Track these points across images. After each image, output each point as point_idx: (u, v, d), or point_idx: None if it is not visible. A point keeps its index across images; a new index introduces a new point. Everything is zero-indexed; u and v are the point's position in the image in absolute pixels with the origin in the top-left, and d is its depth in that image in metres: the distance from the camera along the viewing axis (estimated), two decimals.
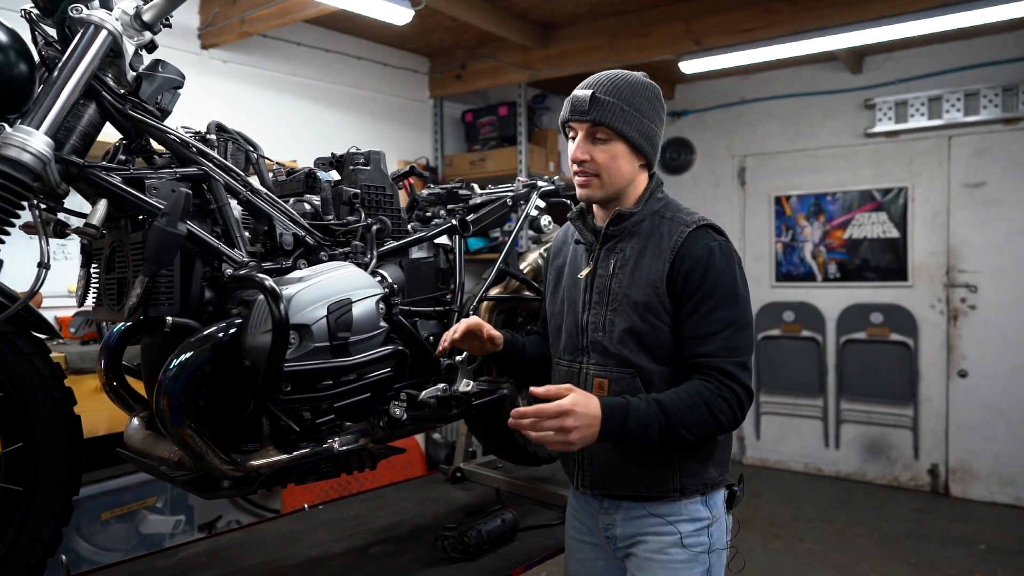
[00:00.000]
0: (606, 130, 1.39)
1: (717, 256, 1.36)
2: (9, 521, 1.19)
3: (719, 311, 1.34)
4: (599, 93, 1.39)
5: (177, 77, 1.41)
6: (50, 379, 1.23)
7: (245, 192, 1.43)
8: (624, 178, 1.43)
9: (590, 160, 1.41)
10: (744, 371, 1.34)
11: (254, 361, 1.24)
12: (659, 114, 1.46)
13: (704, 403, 1.30)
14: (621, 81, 1.42)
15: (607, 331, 1.41)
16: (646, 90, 1.43)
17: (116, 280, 1.35)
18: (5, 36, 1.14)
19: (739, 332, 1.34)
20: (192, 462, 1.29)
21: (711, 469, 1.42)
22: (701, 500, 1.42)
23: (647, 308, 1.37)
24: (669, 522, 1.41)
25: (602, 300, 1.44)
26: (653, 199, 1.46)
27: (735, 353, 1.33)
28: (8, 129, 1.11)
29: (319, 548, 1.85)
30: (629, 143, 1.40)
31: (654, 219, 1.44)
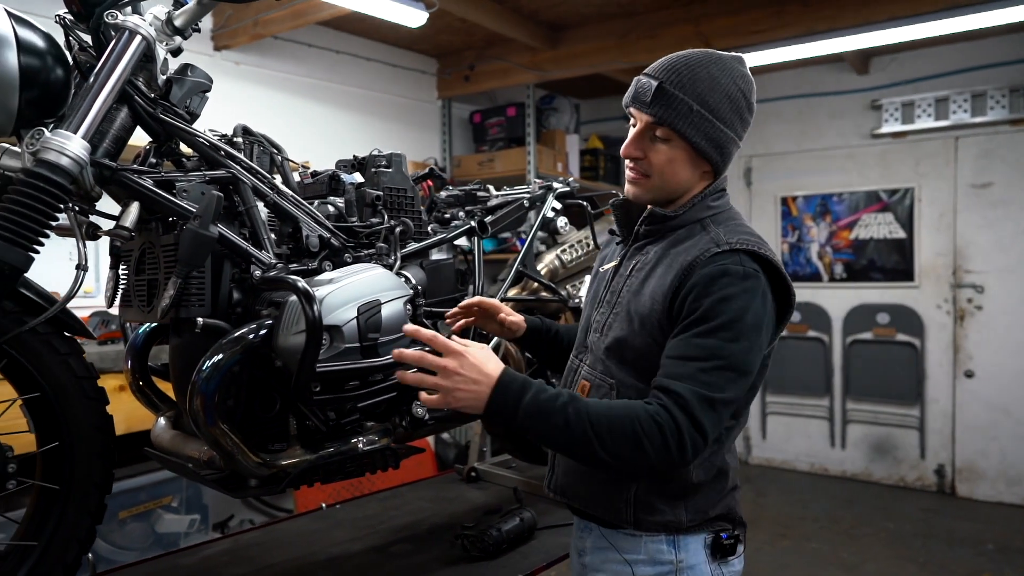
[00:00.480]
0: (667, 130, 1.20)
1: (731, 280, 1.14)
2: (46, 519, 1.20)
3: (707, 338, 1.12)
4: (668, 85, 1.19)
5: (205, 81, 1.43)
6: (85, 379, 1.25)
7: (272, 194, 1.45)
8: (680, 184, 1.25)
9: (643, 158, 1.24)
10: (706, 408, 1.09)
11: (286, 362, 1.26)
12: (741, 116, 1.23)
13: (631, 420, 1.07)
14: (701, 71, 1.20)
15: (603, 334, 1.28)
16: (732, 86, 1.21)
17: (146, 281, 1.37)
18: (43, 42, 1.16)
19: (722, 372, 1.11)
20: (223, 461, 1.30)
21: (681, 511, 1.21)
22: (666, 540, 1.22)
23: (643, 322, 1.20)
24: (626, 560, 1.24)
25: (611, 300, 1.30)
26: (702, 205, 1.26)
27: (705, 386, 1.09)
28: (47, 133, 1.13)
29: (339, 547, 1.86)
30: (693, 147, 1.21)
31: (693, 228, 1.25)
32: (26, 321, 1.16)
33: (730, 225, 1.24)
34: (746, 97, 1.23)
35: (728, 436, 1.27)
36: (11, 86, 1.12)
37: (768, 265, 1.17)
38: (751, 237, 1.20)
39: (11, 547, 1.20)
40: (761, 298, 1.15)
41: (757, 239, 1.20)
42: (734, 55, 1.26)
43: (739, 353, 1.12)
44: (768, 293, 1.17)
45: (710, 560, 1.24)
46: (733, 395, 1.13)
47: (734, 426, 1.27)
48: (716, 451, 1.26)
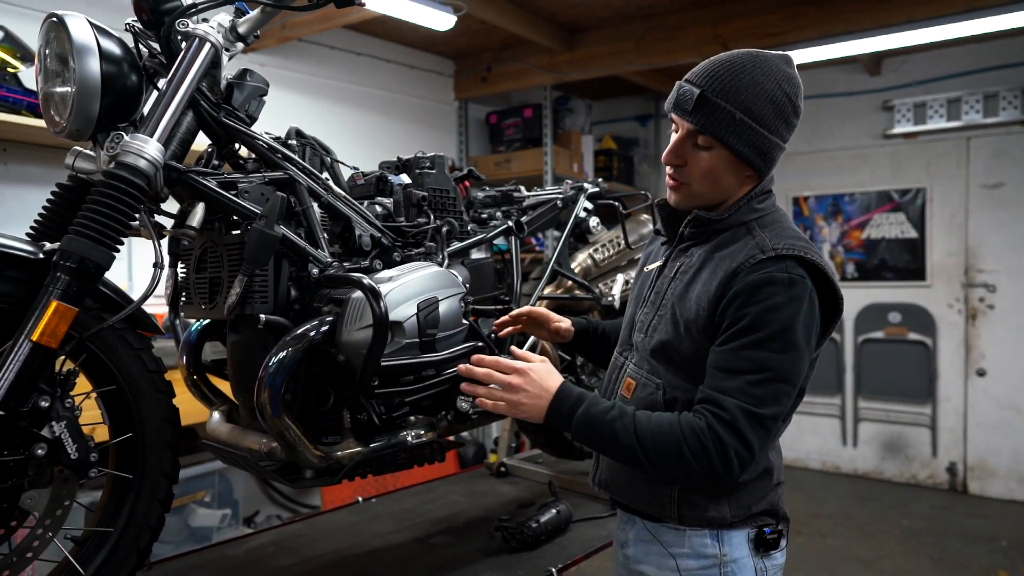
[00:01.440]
0: (709, 139, 1.19)
1: (777, 288, 1.12)
2: (121, 506, 1.26)
3: (756, 350, 1.11)
4: (710, 93, 1.17)
5: (263, 85, 1.49)
6: (155, 373, 1.30)
7: (326, 195, 1.49)
8: (721, 192, 1.24)
9: (683, 165, 1.23)
10: (753, 424, 1.09)
11: (349, 357, 1.31)
12: (786, 120, 1.21)
13: (678, 436, 1.11)
14: (745, 77, 1.17)
15: (648, 335, 1.29)
16: (776, 90, 1.18)
17: (207, 279, 1.42)
18: (120, 50, 1.21)
19: (771, 384, 1.11)
20: (285, 452, 1.36)
21: (724, 508, 1.22)
22: (710, 534, 1.24)
23: (688, 327, 1.20)
24: (670, 554, 1.26)
25: (656, 302, 1.30)
26: (747, 208, 1.24)
27: (753, 401, 1.10)
28: (126, 137, 1.18)
29: (381, 538, 1.92)
30: (736, 154, 1.19)
31: (739, 231, 1.23)
32: (105, 318, 1.21)
33: (776, 228, 1.22)
34: (792, 101, 1.21)
35: (774, 438, 1.29)
36: (93, 93, 1.17)
37: (815, 270, 1.16)
38: (797, 241, 1.18)
39: (89, 533, 1.25)
40: (809, 305, 1.14)
41: (804, 243, 1.19)
42: (781, 55, 1.24)
43: (787, 364, 1.12)
44: (815, 298, 1.15)
45: (753, 554, 1.26)
46: (780, 409, 1.13)
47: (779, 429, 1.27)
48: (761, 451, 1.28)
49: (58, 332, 1.08)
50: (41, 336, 1.06)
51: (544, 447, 2.32)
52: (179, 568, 1.74)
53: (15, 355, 1.05)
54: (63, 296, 1.09)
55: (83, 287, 1.12)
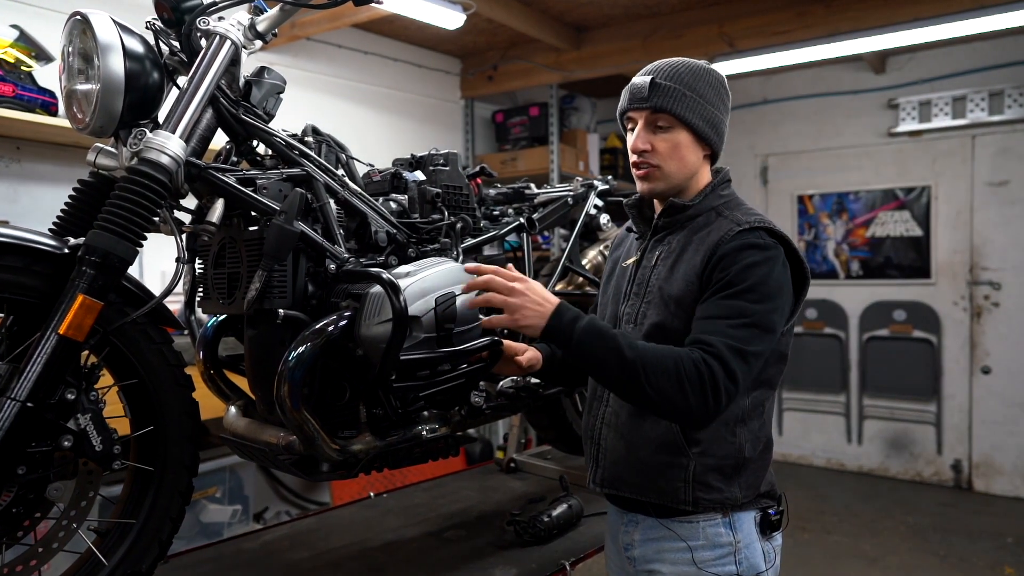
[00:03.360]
0: (668, 117, 1.32)
1: (754, 251, 1.25)
2: (142, 498, 1.27)
3: (734, 300, 1.22)
4: (659, 79, 1.33)
5: (280, 83, 1.50)
6: (176, 367, 1.32)
7: (343, 192, 1.51)
8: (688, 169, 1.36)
9: (651, 150, 1.34)
10: (737, 358, 1.18)
11: (367, 351, 1.33)
12: (724, 101, 1.38)
13: (675, 361, 1.17)
14: (682, 67, 1.35)
15: (638, 323, 1.35)
16: (709, 75, 1.37)
17: (226, 275, 1.44)
18: (143, 48, 1.23)
19: (748, 327, 1.21)
20: (304, 446, 1.37)
21: (735, 488, 1.29)
22: (723, 522, 1.30)
23: (679, 303, 1.29)
24: (689, 547, 1.30)
25: (640, 292, 1.38)
26: (715, 194, 1.38)
27: (735, 339, 1.19)
28: (148, 134, 1.20)
29: (394, 533, 1.93)
30: (693, 131, 1.33)
31: (710, 215, 1.36)
32: (128, 312, 1.22)
33: (742, 208, 1.36)
34: (723, 85, 1.39)
35: (769, 410, 1.37)
36: (117, 90, 1.19)
37: (783, 240, 1.30)
38: (763, 217, 1.33)
39: (111, 524, 1.26)
40: (782, 266, 1.28)
41: (769, 220, 1.34)
42: (702, 60, 1.43)
43: (764, 312, 1.23)
44: (787, 264, 1.29)
45: (760, 538, 1.33)
46: (760, 348, 1.23)
47: (772, 399, 1.38)
48: (762, 425, 1.35)
49: (84, 326, 1.09)
50: (68, 329, 1.08)
51: (553, 443, 2.34)
52: (195, 561, 1.76)
53: (43, 348, 1.07)
54: (89, 290, 1.10)
55: (108, 281, 1.13)
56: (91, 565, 1.22)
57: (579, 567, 1.74)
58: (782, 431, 5.65)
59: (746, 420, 1.32)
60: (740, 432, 1.31)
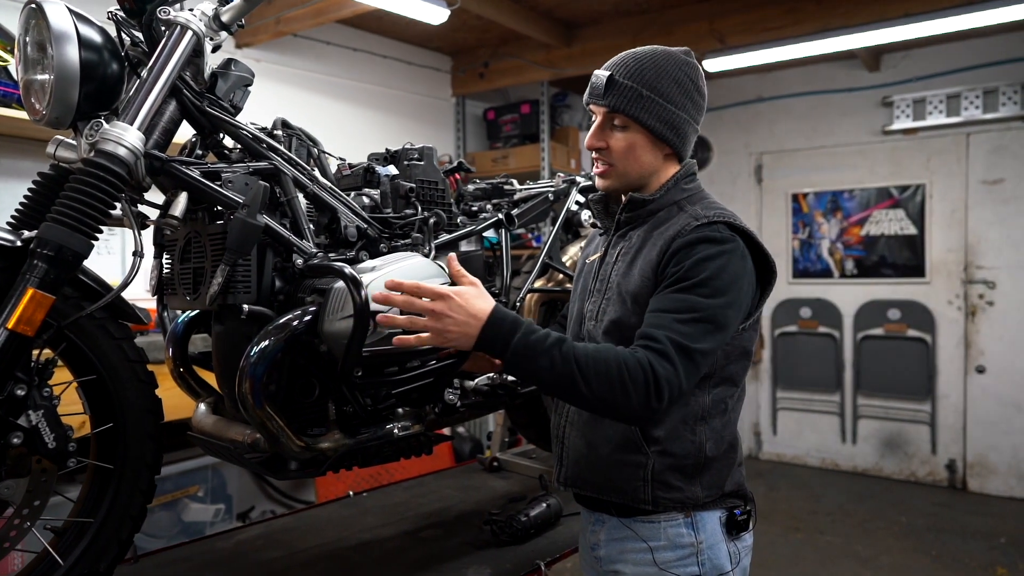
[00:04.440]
0: (623, 117, 1.29)
1: (709, 245, 1.22)
2: (101, 497, 1.25)
3: (684, 293, 1.19)
4: (618, 75, 1.28)
5: (248, 75, 1.47)
6: (137, 363, 1.30)
7: (312, 186, 1.49)
8: (643, 168, 1.33)
9: (605, 148, 1.32)
10: (682, 356, 1.14)
11: (331, 347, 1.30)
12: (691, 99, 1.32)
13: (618, 363, 1.13)
14: (647, 61, 1.29)
15: (599, 320, 1.33)
16: (678, 72, 1.30)
17: (191, 270, 1.41)
18: (100, 37, 1.21)
19: (697, 323, 1.17)
20: (268, 444, 1.35)
21: (696, 488, 1.27)
22: (684, 522, 1.27)
23: (635, 299, 1.27)
24: (650, 547, 1.28)
25: (601, 288, 1.36)
26: (677, 188, 1.34)
27: (681, 336, 1.15)
28: (105, 125, 1.17)
29: (370, 532, 1.91)
30: (649, 132, 1.29)
31: (671, 210, 1.32)
32: (84, 306, 1.20)
33: (705, 203, 1.32)
34: (693, 81, 1.33)
35: (734, 408, 1.34)
36: (72, 80, 1.16)
37: (743, 234, 1.26)
38: (725, 211, 1.29)
39: (69, 523, 1.24)
40: (740, 259, 1.24)
41: (731, 213, 1.29)
42: (682, 48, 1.36)
43: (715, 307, 1.19)
44: (747, 256, 1.26)
45: (726, 538, 1.30)
46: (709, 346, 1.19)
47: (737, 396, 1.35)
48: (726, 424, 1.32)
49: (35, 320, 1.07)
50: (17, 324, 1.05)
51: (536, 442, 2.32)
52: (167, 560, 1.73)
53: None
54: (40, 284, 1.08)
55: (61, 275, 1.11)
56: (47, 565, 1.20)
57: (555, 567, 1.72)
58: (776, 431, 5.63)
59: (707, 418, 1.29)
60: (701, 430, 1.29)
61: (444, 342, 1.16)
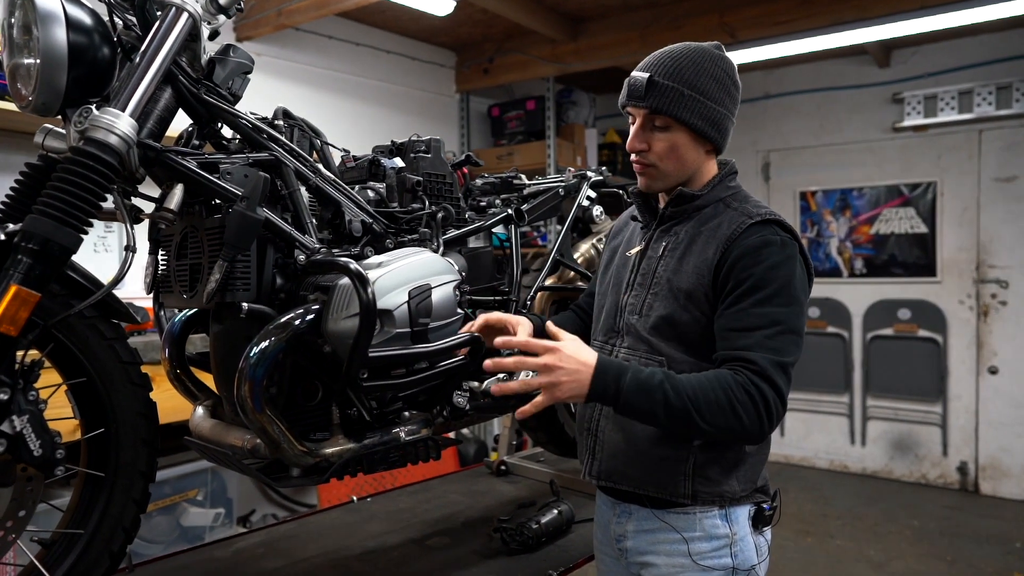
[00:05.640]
0: (665, 118, 1.28)
1: (774, 249, 1.22)
2: (92, 506, 1.18)
3: (765, 307, 1.19)
4: (658, 76, 1.27)
5: (247, 62, 1.40)
6: (130, 365, 1.23)
7: (315, 178, 1.42)
8: (685, 167, 1.33)
9: (647, 150, 1.31)
10: (782, 374, 1.16)
11: (335, 347, 1.23)
12: (729, 94, 1.32)
13: (725, 391, 1.13)
14: (684, 59, 1.28)
15: (643, 315, 1.32)
16: (714, 68, 1.30)
17: (188, 266, 1.34)
18: (90, 19, 1.14)
19: (784, 335, 1.18)
20: (269, 449, 1.27)
21: (733, 482, 1.27)
22: (719, 514, 1.28)
23: (689, 297, 1.26)
24: (683, 538, 1.28)
25: (645, 282, 1.34)
26: (722, 186, 1.34)
27: (776, 353, 1.16)
28: (95, 111, 1.10)
29: (375, 540, 1.84)
30: (692, 130, 1.29)
31: (718, 207, 1.32)
32: (73, 304, 1.13)
33: (751, 201, 1.33)
34: (729, 76, 1.32)
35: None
36: (60, 64, 1.09)
37: (794, 235, 1.28)
38: (773, 211, 1.30)
39: (57, 535, 1.17)
40: (801, 265, 1.26)
41: (778, 214, 1.31)
42: (713, 43, 1.35)
43: (793, 317, 1.20)
44: (801, 260, 1.27)
45: (753, 532, 1.31)
46: (796, 356, 1.20)
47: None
48: None
49: (18, 319, 1.00)
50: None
51: (545, 445, 2.24)
52: (164, 570, 1.67)
53: None
54: (24, 280, 1.01)
55: (47, 271, 1.04)
56: None
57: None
58: (784, 432, 5.55)
59: None
60: None
61: (560, 395, 1.14)
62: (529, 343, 1.16)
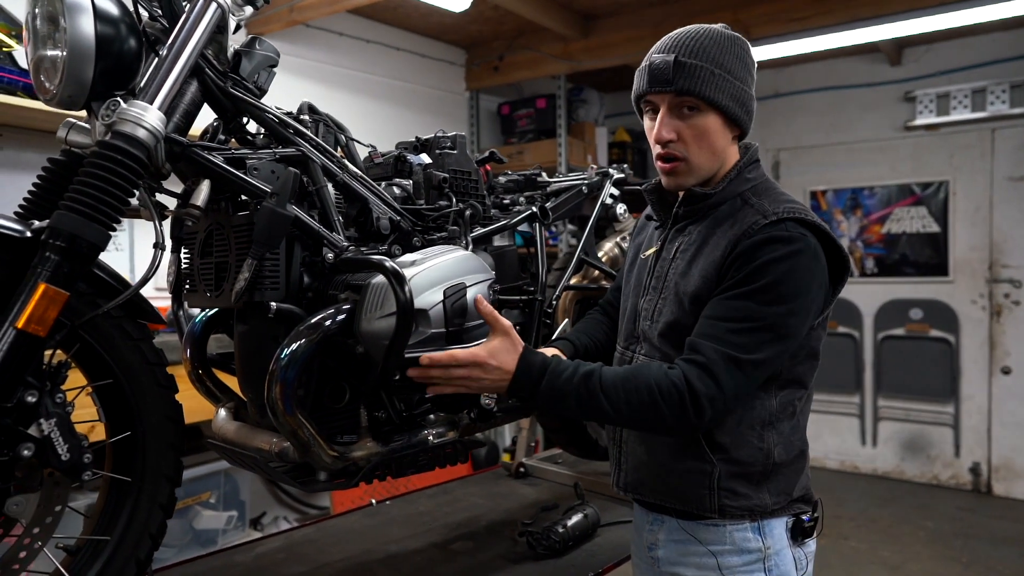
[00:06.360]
0: (695, 99, 1.18)
1: (777, 246, 1.12)
2: (118, 512, 1.14)
3: (744, 300, 1.12)
4: (683, 56, 1.17)
5: (273, 55, 1.37)
6: (156, 366, 1.19)
7: (342, 174, 1.38)
8: (716, 155, 1.23)
9: (677, 139, 1.21)
10: (730, 368, 1.09)
11: (368, 348, 1.19)
12: (751, 72, 1.24)
13: (649, 387, 1.10)
14: (705, 39, 1.19)
15: (655, 320, 1.26)
16: (734, 45, 1.21)
17: (213, 265, 1.31)
18: (117, 9, 1.10)
19: (755, 332, 1.10)
20: (298, 453, 1.24)
21: (764, 494, 1.20)
22: (751, 527, 1.21)
23: (694, 301, 1.19)
24: (711, 552, 1.21)
25: (658, 286, 1.28)
26: (740, 179, 1.24)
27: (734, 348, 1.10)
28: (123, 104, 1.07)
29: (397, 544, 1.80)
30: (723, 113, 1.19)
31: (735, 202, 1.23)
32: (100, 304, 1.09)
33: (771, 195, 1.22)
34: (748, 54, 1.25)
35: (803, 411, 1.28)
36: (87, 55, 1.06)
37: (816, 229, 1.16)
38: (795, 205, 1.19)
39: (83, 541, 1.13)
40: (811, 259, 1.14)
41: (801, 207, 1.19)
42: (720, 23, 1.28)
43: (777, 316, 1.11)
44: (820, 254, 1.16)
45: (791, 544, 1.24)
46: (765, 356, 1.12)
47: (806, 399, 1.28)
48: (795, 428, 1.26)
49: (46, 319, 0.96)
50: (27, 323, 0.95)
51: (566, 447, 2.20)
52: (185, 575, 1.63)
53: None
54: (52, 278, 0.97)
55: (75, 269, 1.00)
56: None
57: None
58: None
59: (774, 423, 1.22)
60: (768, 436, 1.22)
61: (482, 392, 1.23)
62: (455, 356, 1.17)
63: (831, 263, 1.19)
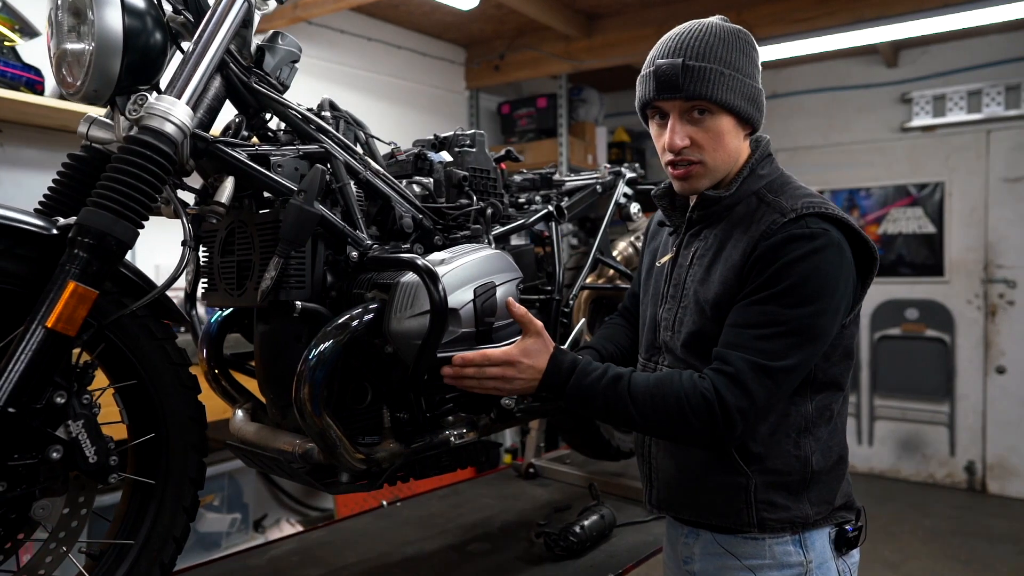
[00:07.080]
0: (706, 103, 1.14)
1: (799, 244, 1.08)
2: (142, 516, 1.12)
3: (768, 304, 1.08)
4: (690, 60, 1.13)
5: (295, 50, 1.35)
6: (180, 366, 1.17)
7: (365, 172, 1.36)
8: (730, 157, 1.19)
9: (691, 145, 1.16)
10: (759, 376, 1.06)
11: (399, 348, 1.18)
12: (757, 65, 1.20)
13: (677, 397, 1.08)
14: (710, 37, 1.15)
15: (676, 331, 1.22)
16: (738, 40, 1.17)
17: (235, 263, 1.29)
18: (144, 3, 1.08)
19: (781, 337, 1.07)
20: (325, 454, 1.22)
21: (804, 505, 1.16)
22: (792, 540, 1.16)
23: (716, 307, 1.15)
24: (748, 567, 1.17)
25: (676, 294, 1.24)
26: (753, 176, 1.20)
27: (762, 355, 1.06)
28: (151, 98, 1.04)
29: (413, 546, 1.78)
30: (736, 114, 1.16)
31: (750, 201, 1.18)
32: (125, 303, 1.07)
33: (788, 190, 1.18)
34: (753, 46, 1.21)
35: (840, 414, 1.23)
36: (114, 48, 1.03)
37: (839, 223, 1.11)
38: (814, 199, 1.14)
39: (106, 545, 1.11)
40: (835, 254, 1.09)
41: (821, 200, 1.14)
42: (718, 16, 1.23)
43: (802, 317, 1.07)
44: (845, 248, 1.11)
45: (835, 555, 1.19)
46: (796, 361, 1.08)
47: (842, 401, 1.23)
48: (832, 433, 1.21)
49: (76, 318, 0.94)
50: (57, 322, 0.92)
51: (580, 448, 2.19)
52: None
53: (27, 344, 0.91)
54: (82, 276, 0.95)
55: (104, 267, 0.98)
56: None
57: None
58: None
59: (811, 429, 1.18)
60: (805, 443, 1.17)
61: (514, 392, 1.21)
62: (488, 355, 1.16)
63: (857, 256, 1.14)
